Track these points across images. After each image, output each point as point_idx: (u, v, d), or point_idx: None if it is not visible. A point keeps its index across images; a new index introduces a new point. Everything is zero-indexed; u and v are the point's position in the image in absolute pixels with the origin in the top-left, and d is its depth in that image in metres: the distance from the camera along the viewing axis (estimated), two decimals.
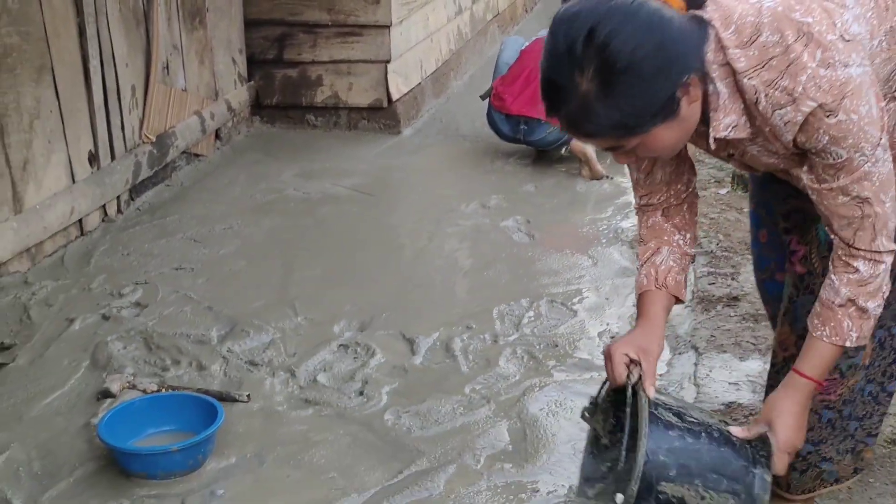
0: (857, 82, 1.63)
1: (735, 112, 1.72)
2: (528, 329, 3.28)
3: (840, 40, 1.64)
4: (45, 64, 3.68)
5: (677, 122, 1.69)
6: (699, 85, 1.68)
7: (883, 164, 1.69)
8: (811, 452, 2.15)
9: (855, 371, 2.07)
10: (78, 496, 2.43)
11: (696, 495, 1.81)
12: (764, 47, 1.65)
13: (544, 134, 4.74)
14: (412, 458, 2.59)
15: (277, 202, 4.46)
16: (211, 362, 3.05)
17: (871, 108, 1.65)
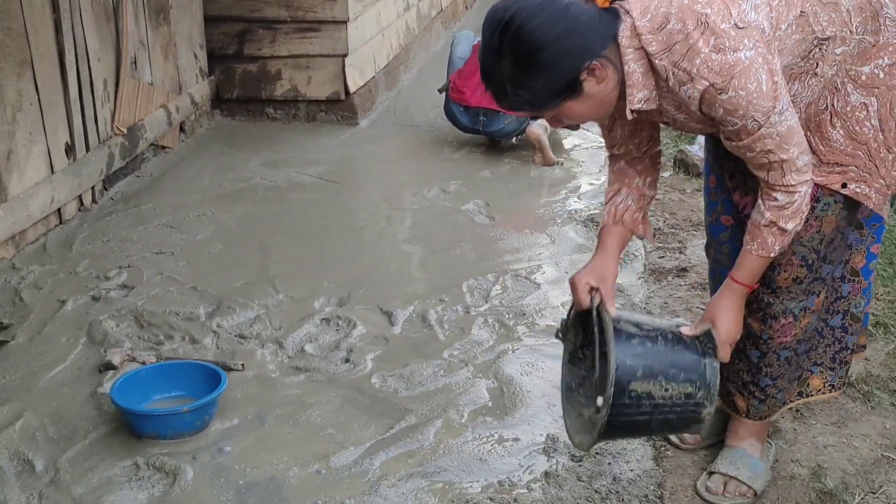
0: (745, 64, 1.93)
1: (647, 88, 2.04)
2: (497, 300, 3.54)
3: (733, 28, 1.94)
4: (25, 58, 3.83)
5: (585, 98, 2.01)
6: (606, 67, 1.99)
7: (780, 124, 1.98)
8: (769, 385, 2.44)
9: (806, 313, 2.36)
10: (94, 456, 2.62)
11: (661, 388, 2.14)
12: (670, 33, 1.96)
13: (503, 125, 5.01)
14: (401, 415, 2.83)
15: (246, 190, 4.65)
16: (203, 336, 3.25)
17: (759, 84, 1.95)
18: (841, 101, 2.16)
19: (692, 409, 2.17)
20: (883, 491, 2.57)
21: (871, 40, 2.13)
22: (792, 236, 2.16)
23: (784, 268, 2.29)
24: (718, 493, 2.47)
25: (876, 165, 2.20)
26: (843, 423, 2.83)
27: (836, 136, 2.17)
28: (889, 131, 2.18)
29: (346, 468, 2.59)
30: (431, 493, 2.49)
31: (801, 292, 2.33)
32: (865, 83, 2.14)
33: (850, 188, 2.21)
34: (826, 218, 2.24)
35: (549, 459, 2.63)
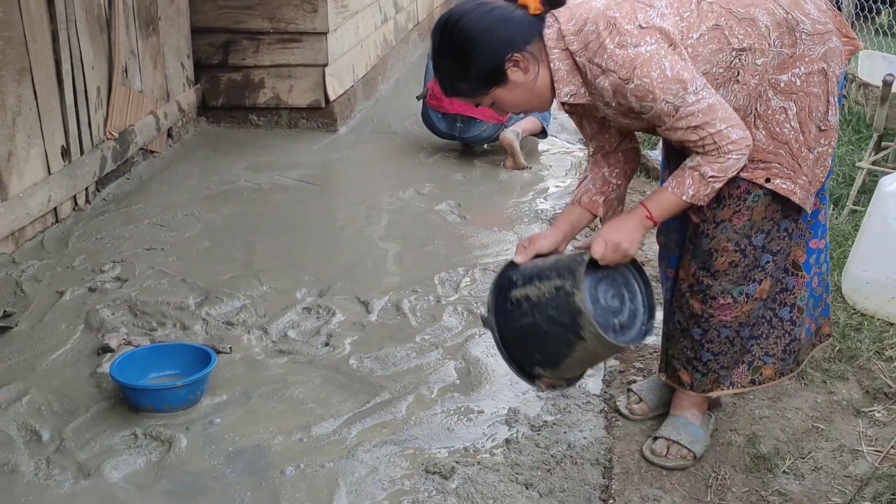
0: (645, 56, 2.24)
1: (573, 84, 2.37)
2: (466, 291, 3.81)
3: (637, 28, 2.27)
4: (25, 66, 4.08)
5: (513, 86, 2.37)
6: (529, 60, 2.33)
7: (698, 102, 2.24)
8: (710, 360, 2.72)
9: (748, 299, 2.62)
10: (96, 427, 2.87)
11: (535, 288, 2.39)
12: (587, 34, 2.30)
13: (479, 131, 5.29)
14: (376, 392, 3.09)
15: (232, 192, 4.91)
16: (192, 323, 3.50)
17: (663, 72, 2.24)
18: (763, 106, 2.43)
19: (565, 299, 2.34)
20: (811, 456, 2.85)
21: (789, 52, 2.41)
22: (707, 193, 2.35)
23: (720, 253, 2.57)
24: (662, 455, 2.75)
25: (798, 164, 2.46)
26: (779, 398, 3.12)
27: (759, 137, 2.45)
28: (809, 133, 2.45)
29: (326, 437, 2.85)
30: (403, 458, 2.75)
31: (740, 276, 2.60)
32: (784, 90, 2.42)
33: (774, 183, 2.46)
34: (756, 208, 2.51)
35: (510, 429, 2.90)
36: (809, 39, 2.42)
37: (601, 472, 2.73)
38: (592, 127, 2.65)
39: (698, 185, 2.35)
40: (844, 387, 3.19)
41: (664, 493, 2.67)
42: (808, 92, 2.43)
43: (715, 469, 2.78)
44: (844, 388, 3.19)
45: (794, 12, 2.40)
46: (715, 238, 2.55)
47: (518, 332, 2.44)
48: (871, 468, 2.80)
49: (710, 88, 2.30)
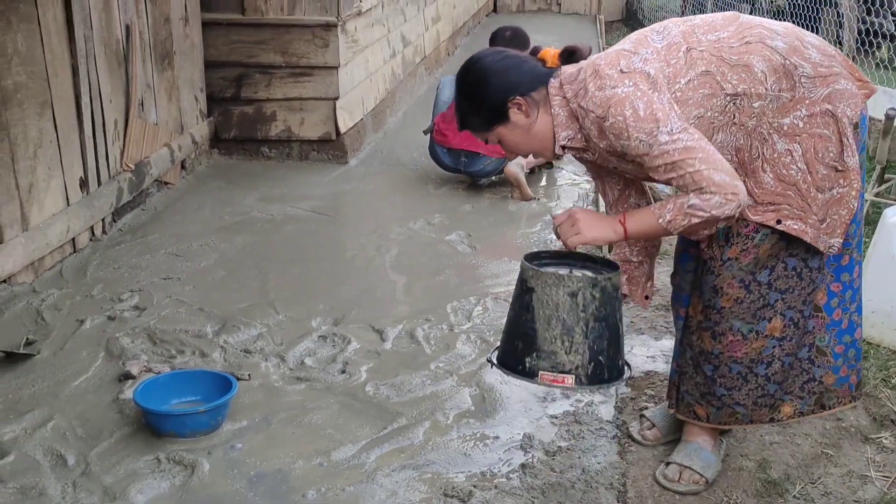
0: (620, 97, 2.38)
1: (571, 129, 2.55)
2: (479, 320, 3.88)
3: (617, 73, 2.42)
4: (46, 100, 4.17)
5: (514, 126, 2.57)
6: (531, 105, 2.53)
7: (673, 142, 2.33)
8: (724, 395, 2.76)
9: (757, 336, 2.67)
10: (120, 451, 2.93)
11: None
12: (579, 82, 2.50)
13: (483, 165, 5.40)
14: (393, 418, 3.15)
15: (245, 223, 4.99)
16: (211, 351, 3.57)
17: (636, 111, 2.36)
18: (769, 149, 2.50)
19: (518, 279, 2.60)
20: (821, 481, 2.91)
21: (788, 96, 2.47)
22: (682, 226, 2.40)
23: (725, 290, 2.63)
24: (675, 480, 2.81)
25: (808, 204, 2.51)
26: (788, 424, 3.18)
27: (766, 180, 2.51)
28: (816, 173, 2.49)
29: (346, 461, 2.91)
30: (422, 482, 2.81)
31: (747, 314, 2.64)
32: (787, 132, 2.48)
33: (786, 224, 2.52)
34: (762, 247, 2.57)
35: (526, 454, 2.96)
36: (810, 82, 2.47)
37: (615, 497, 2.79)
38: (613, 192, 2.83)
39: (676, 213, 2.41)
40: (852, 414, 3.25)
41: None
42: (813, 133, 2.48)
43: (727, 494, 2.84)
44: (852, 415, 3.25)
45: (792, 58, 2.47)
46: (720, 275, 2.62)
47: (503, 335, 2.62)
48: (880, 493, 2.85)
49: (691, 133, 2.36)
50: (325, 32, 5.78)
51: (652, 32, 2.55)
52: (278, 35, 5.79)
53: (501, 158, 5.37)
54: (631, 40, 2.55)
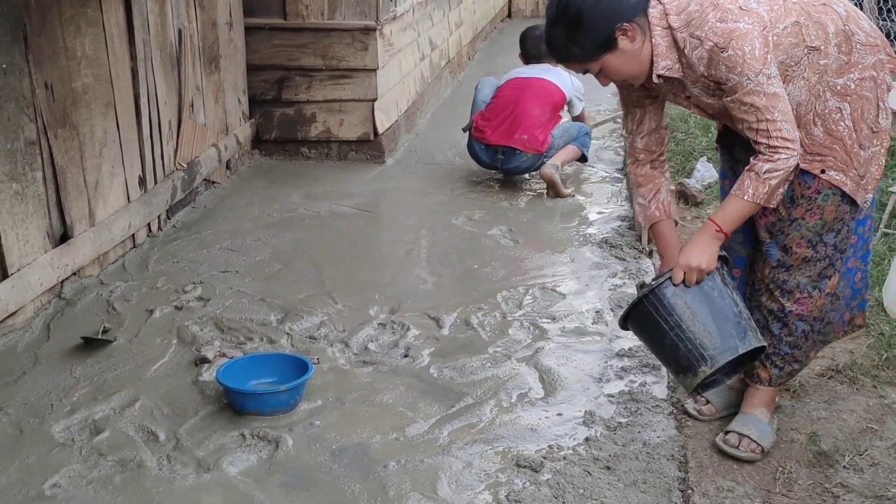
0: (742, 31, 2.55)
1: (670, 59, 2.68)
2: (529, 308, 4.06)
3: (738, 8, 2.59)
4: (110, 101, 4.36)
5: (621, 53, 2.66)
6: (636, 30, 2.63)
7: (767, 86, 2.54)
8: (787, 354, 3.00)
9: (821, 294, 2.92)
10: (206, 428, 3.10)
11: (692, 321, 2.76)
12: (689, 13, 2.63)
13: (519, 162, 5.59)
14: (459, 397, 3.33)
15: (294, 219, 5.17)
16: (278, 338, 3.74)
17: (753, 49, 2.54)
18: (821, 105, 2.72)
19: (696, 357, 2.73)
20: (868, 453, 3.07)
21: (845, 59, 2.71)
22: (767, 192, 2.62)
23: (794, 250, 2.87)
24: (735, 446, 2.99)
25: (851, 158, 2.75)
26: (834, 401, 3.35)
27: (816, 133, 2.74)
28: (860, 132, 2.74)
29: (420, 436, 3.09)
30: (494, 454, 2.99)
31: (813, 272, 2.88)
32: (840, 91, 2.71)
33: (829, 174, 2.75)
34: (827, 207, 2.80)
35: (589, 429, 3.13)
36: (863, 49, 2.73)
37: (677, 466, 2.96)
38: (650, 124, 2.96)
39: (756, 184, 2.63)
40: (894, 391, 3.42)
41: (737, 484, 2.90)
42: (861, 95, 2.73)
43: (781, 464, 3.01)
44: (894, 392, 3.42)
45: (850, 25, 2.72)
46: (789, 235, 2.85)
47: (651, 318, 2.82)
48: None
49: (779, 81, 2.58)
50: (363, 36, 5.96)
51: None
52: (318, 39, 5.97)
53: (538, 155, 5.55)
54: None
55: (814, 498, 2.86)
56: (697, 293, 2.75)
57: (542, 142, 5.59)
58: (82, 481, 2.82)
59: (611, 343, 3.75)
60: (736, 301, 2.78)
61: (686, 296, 2.75)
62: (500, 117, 5.60)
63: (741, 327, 2.76)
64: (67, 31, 3.96)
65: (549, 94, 5.68)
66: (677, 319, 2.74)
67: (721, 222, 2.72)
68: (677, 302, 2.75)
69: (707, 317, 2.73)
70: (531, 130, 5.58)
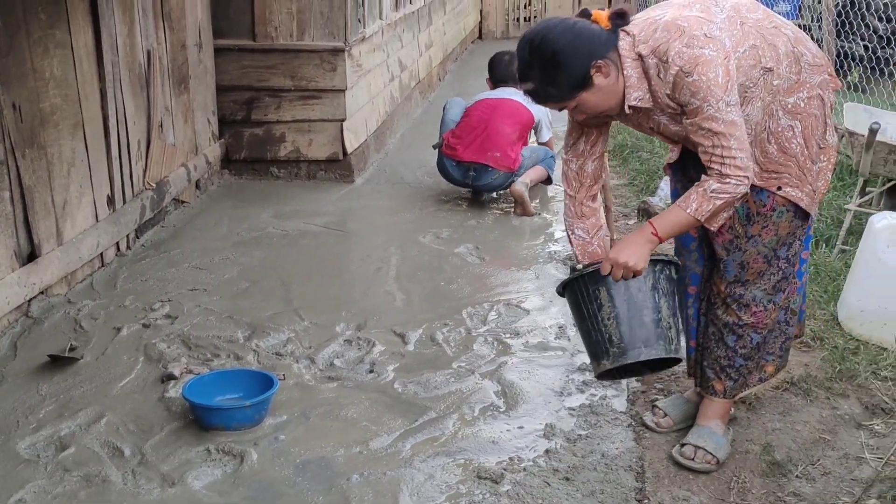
0: (707, 58, 2.62)
1: (641, 89, 2.74)
2: (494, 324, 4.13)
3: (703, 35, 2.65)
4: (78, 121, 4.40)
5: (596, 90, 2.72)
6: (609, 66, 2.68)
7: (726, 114, 2.61)
8: (742, 366, 3.09)
9: (775, 307, 3.02)
10: (172, 444, 3.14)
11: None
12: (657, 39, 2.68)
13: (490, 179, 5.67)
14: (423, 412, 3.39)
15: (262, 238, 5.22)
16: (245, 354, 3.79)
17: (717, 77, 2.61)
18: (774, 124, 2.82)
19: (602, 350, 2.90)
20: (820, 463, 3.16)
21: (795, 78, 2.81)
22: (709, 210, 2.71)
23: (750, 265, 2.95)
24: (690, 458, 3.06)
25: (804, 174, 2.86)
26: (788, 412, 3.43)
27: (771, 150, 2.83)
28: (812, 148, 2.85)
29: (384, 450, 3.14)
30: (456, 466, 3.04)
31: (768, 285, 2.98)
32: (791, 110, 2.81)
33: (784, 191, 2.85)
34: (782, 224, 2.90)
35: (549, 441, 3.20)
36: (810, 69, 2.83)
37: (634, 477, 3.03)
38: (585, 146, 3.02)
39: (701, 200, 2.72)
40: (846, 403, 3.51)
41: (692, 494, 2.97)
42: (810, 113, 2.83)
43: (735, 474, 3.08)
44: (846, 404, 3.50)
45: (799, 46, 2.82)
46: (746, 251, 2.93)
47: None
48: (875, 472, 3.10)
49: (739, 109, 2.66)
50: (332, 57, 6.04)
51: (711, 3, 2.76)
52: (287, 60, 6.05)
53: (509, 173, 5.64)
54: (697, 7, 2.73)
55: None
56: (622, 290, 2.85)
57: (514, 160, 5.68)
58: (47, 497, 2.85)
59: (573, 357, 3.82)
60: (660, 308, 2.86)
61: (610, 289, 2.85)
62: (471, 135, 5.68)
63: (654, 334, 2.85)
64: (36, 53, 4.00)
65: (519, 114, 5.78)
66: (595, 310, 2.86)
67: (659, 227, 2.80)
68: (600, 293, 2.86)
69: (623, 315, 2.84)
70: (503, 148, 5.66)
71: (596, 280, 2.87)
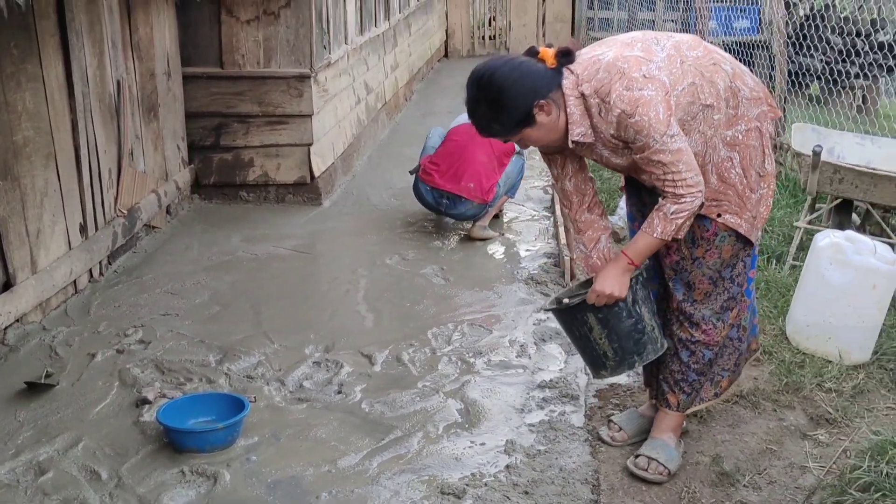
0: (646, 99, 2.78)
1: (583, 126, 2.90)
2: (458, 343, 4.28)
3: (642, 77, 2.80)
4: (50, 152, 4.51)
5: (538, 127, 2.88)
6: (552, 105, 2.84)
7: (671, 144, 2.78)
8: (695, 380, 3.26)
9: (724, 324, 3.19)
10: (147, 466, 3.26)
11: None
12: (599, 80, 2.83)
13: (463, 209, 5.71)
14: (389, 430, 3.53)
15: (232, 262, 5.35)
16: (217, 378, 3.92)
17: (657, 114, 2.77)
18: (715, 156, 2.98)
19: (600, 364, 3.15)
20: (767, 472, 3.33)
21: (733, 112, 2.98)
22: (673, 230, 2.88)
23: (697, 286, 3.13)
24: (644, 469, 3.22)
25: (743, 202, 3.03)
26: (737, 424, 3.61)
27: (712, 180, 3.00)
28: (751, 177, 3.02)
29: (351, 468, 3.28)
30: (420, 483, 3.19)
31: (716, 304, 3.15)
32: (730, 142, 2.98)
33: (724, 218, 3.02)
34: (724, 247, 3.07)
35: (510, 457, 3.35)
36: (748, 103, 3.00)
37: (590, 489, 3.19)
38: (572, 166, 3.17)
39: (664, 223, 2.89)
40: (792, 414, 3.69)
41: None
42: (748, 144, 3.00)
43: (686, 484, 3.25)
44: (792, 415, 3.69)
45: (737, 82, 2.99)
46: (692, 273, 3.11)
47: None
48: (817, 481, 3.28)
49: (682, 136, 2.83)
50: (299, 83, 6.19)
51: (652, 42, 2.93)
52: (255, 87, 6.19)
53: (483, 204, 5.69)
54: (638, 47, 2.89)
55: None
56: (608, 313, 3.05)
57: (488, 190, 5.67)
58: None
59: (533, 375, 3.98)
60: (642, 317, 3.08)
61: (598, 314, 3.06)
62: (447, 161, 5.70)
63: (643, 342, 3.09)
64: (8, 87, 4.12)
65: (498, 142, 5.66)
66: (586, 332, 3.10)
67: (633, 256, 2.98)
68: (588, 318, 3.08)
69: (613, 335, 3.07)
70: (478, 179, 5.65)
71: (583, 308, 3.08)
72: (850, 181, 4.87)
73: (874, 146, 5.36)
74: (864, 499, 3.00)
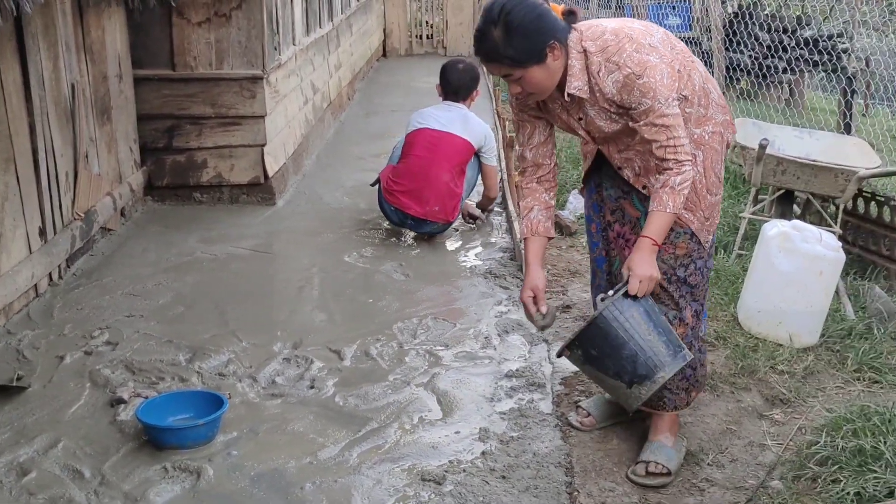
0: (654, 63, 2.92)
1: (581, 80, 3.00)
2: (423, 337, 4.38)
3: (648, 45, 2.96)
4: (10, 156, 4.50)
5: (545, 68, 2.93)
6: (561, 50, 2.93)
7: (673, 108, 2.92)
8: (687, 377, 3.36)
9: (680, 323, 3.26)
10: (129, 464, 3.30)
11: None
12: (605, 41, 2.97)
13: (429, 229, 5.73)
14: (365, 422, 3.62)
15: (192, 263, 5.38)
16: (189, 376, 3.96)
17: (663, 78, 2.92)
18: None
19: (654, 364, 3.02)
20: (728, 451, 3.49)
21: (703, 112, 3.12)
22: (682, 201, 2.98)
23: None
24: (643, 475, 3.29)
25: (699, 199, 3.16)
26: (698, 407, 3.77)
27: None
28: (710, 178, 3.15)
29: (332, 459, 3.36)
30: (401, 471, 3.28)
31: (671, 301, 3.24)
32: (697, 140, 3.12)
33: (680, 212, 3.12)
34: (679, 243, 3.19)
35: (484, 444, 3.46)
36: (716, 107, 3.15)
37: (564, 472, 3.31)
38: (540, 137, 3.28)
39: (673, 196, 2.99)
40: (748, 396, 3.87)
41: (617, 485, 3.27)
42: (712, 147, 3.15)
43: None
44: (748, 397, 3.86)
45: (708, 84, 3.15)
46: None
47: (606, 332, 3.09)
48: (776, 457, 3.45)
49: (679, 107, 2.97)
50: (251, 85, 6.22)
51: (646, 23, 3.06)
52: (207, 88, 6.20)
53: (447, 224, 5.73)
54: (637, 23, 3.03)
55: (683, 493, 3.25)
56: (646, 304, 3.08)
57: (452, 210, 5.68)
58: None
59: (500, 366, 4.10)
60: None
61: (639, 306, 3.06)
62: (410, 180, 5.63)
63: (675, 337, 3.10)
64: None
65: (458, 153, 5.70)
66: (635, 326, 3.03)
67: (654, 236, 3.04)
68: (633, 312, 3.05)
69: (659, 327, 3.06)
70: (442, 201, 5.63)
71: (626, 301, 3.04)
72: (792, 172, 5.09)
73: (812, 139, 5.61)
74: (822, 472, 3.18)
